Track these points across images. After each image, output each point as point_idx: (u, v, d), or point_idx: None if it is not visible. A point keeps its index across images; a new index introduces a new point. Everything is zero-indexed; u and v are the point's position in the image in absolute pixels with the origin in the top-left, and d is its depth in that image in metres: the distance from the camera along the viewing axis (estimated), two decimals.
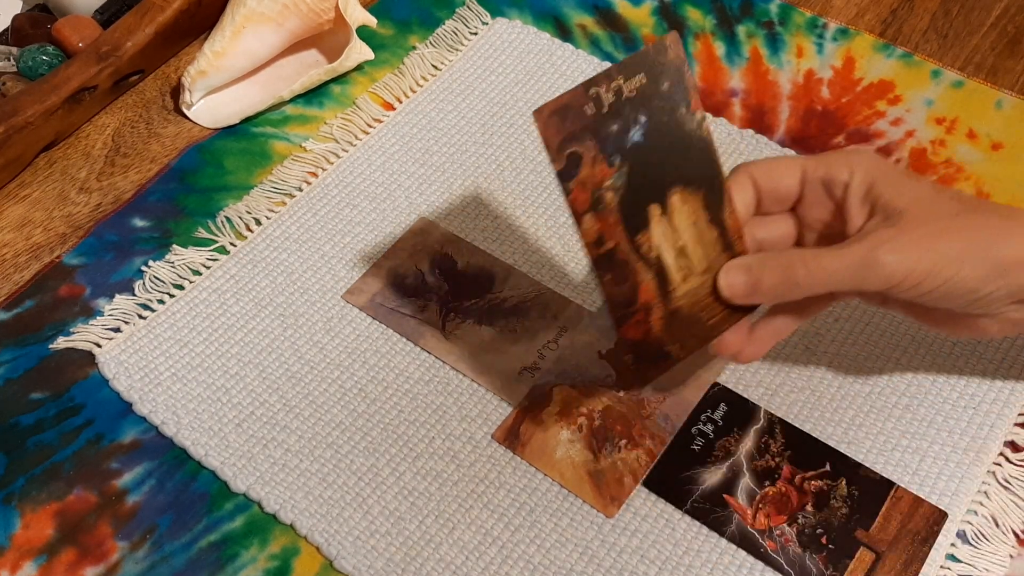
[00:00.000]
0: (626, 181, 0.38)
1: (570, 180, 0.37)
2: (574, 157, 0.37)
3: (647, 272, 0.39)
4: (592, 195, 0.37)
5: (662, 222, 0.39)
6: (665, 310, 0.40)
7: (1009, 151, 0.58)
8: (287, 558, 0.45)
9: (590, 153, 0.37)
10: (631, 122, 0.38)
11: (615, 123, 0.37)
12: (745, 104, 0.61)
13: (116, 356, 0.51)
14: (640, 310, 0.39)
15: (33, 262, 0.55)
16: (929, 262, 0.38)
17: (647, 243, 0.39)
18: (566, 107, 0.36)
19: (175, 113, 0.62)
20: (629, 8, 0.66)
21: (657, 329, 0.40)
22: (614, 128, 0.37)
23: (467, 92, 0.62)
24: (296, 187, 0.58)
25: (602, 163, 0.37)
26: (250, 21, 0.59)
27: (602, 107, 0.37)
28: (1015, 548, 0.45)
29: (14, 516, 0.46)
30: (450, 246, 0.55)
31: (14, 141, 0.55)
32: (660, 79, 0.38)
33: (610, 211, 0.38)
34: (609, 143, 0.37)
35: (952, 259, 0.38)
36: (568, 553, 0.45)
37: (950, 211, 0.39)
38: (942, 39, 0.64)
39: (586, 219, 0.37)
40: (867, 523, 0.45)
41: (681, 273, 0.40)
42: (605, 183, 0.37)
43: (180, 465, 0.48)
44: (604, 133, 0.37)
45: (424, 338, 0.51)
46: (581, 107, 0.37)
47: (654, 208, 0.39)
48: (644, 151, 0.38)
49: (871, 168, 0.40)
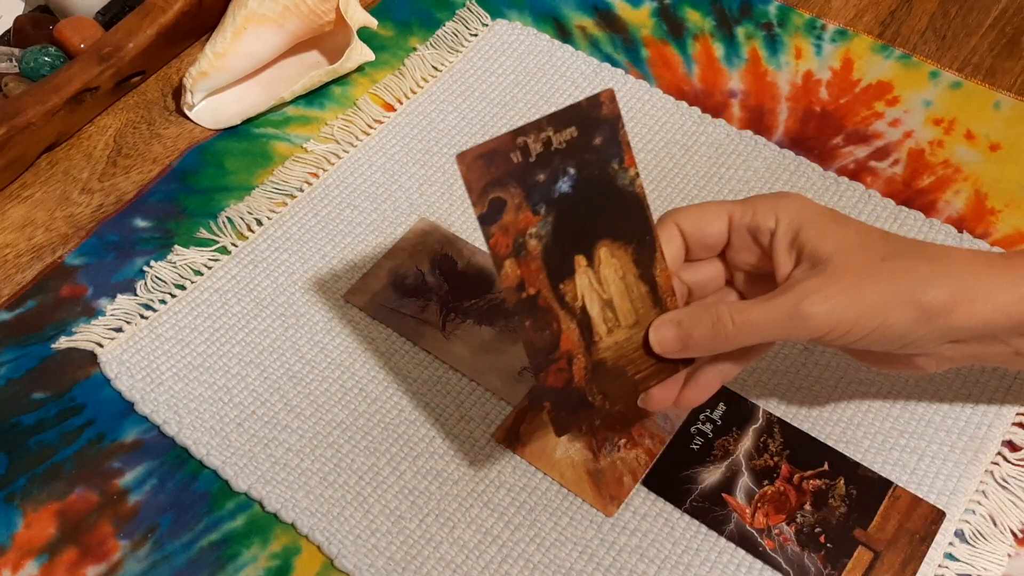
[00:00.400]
0: (551, 230, 0.38)
1: (492, 224, 0.37)
2: (497, 202, 0.37)
3: (570, 321, 0.39)
4: (515, 241, 0.38)
5: (587, 273, 0.39)
6: (588, 360, 0.40)
7: (1007, 152, 0.58)
8: (288, 557, 0.45)
9: (515, 200, 0.37)
10: (559, 173, 0.38)
11: (542, 172, 0.38)
12: (744, 105, 0.61)
13: (118, 356, 0.51)
14: (561, 358, 0.39)
15: (35, 262, 0.56)
16: (856, 311, 0.38)
17: (571, 292, 0.39)
18: (492, 152, 0.37)
19: (176, 114, 0.62)
20: (629, 10, 0.66)
21: (579, 379, 0.40)
22: (541, 177, 0.38)
23: (467, 93, 0.62)
24: (297, 188, 0.58)
25: (527, 210, 0.38)
26: (251, 22, 0.59)
27: (529, 156, 0.37)
28: (1013, 547, 0.45)
29: (16, 515, 0.46)
30: (450, 246, 0.55)
31: (16, 142, 0.55)
32: (593, 133, 0.38)
33: (533, 258, 0.38)
34: (535, 192, 0.38)
35: (879, 307, 0.38)
36: (568, 552, 0.45)
37: (876, 256, 0.39)
38: (940, 40, 0.65)
39: (507, 264, 0.38)
40: (865, 522, 0.45)
41: (606, 325, 0.40)
42: (529, 230, 0.38)
43: (181, 464, 0.48)
44: (530, 181, 0.37)
45: (424, 338, 0.51)
46: (507, 154, 0.37)
47: (580, 259, 0.39)
48: (572, 202, 0.38)
49: (796, 214, 0.40)
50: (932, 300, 0.38)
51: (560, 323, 0.39)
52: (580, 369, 0.40)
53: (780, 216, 0.40)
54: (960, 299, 0.38)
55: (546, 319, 0.39)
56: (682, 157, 0.59)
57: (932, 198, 0.57)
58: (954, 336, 0.40)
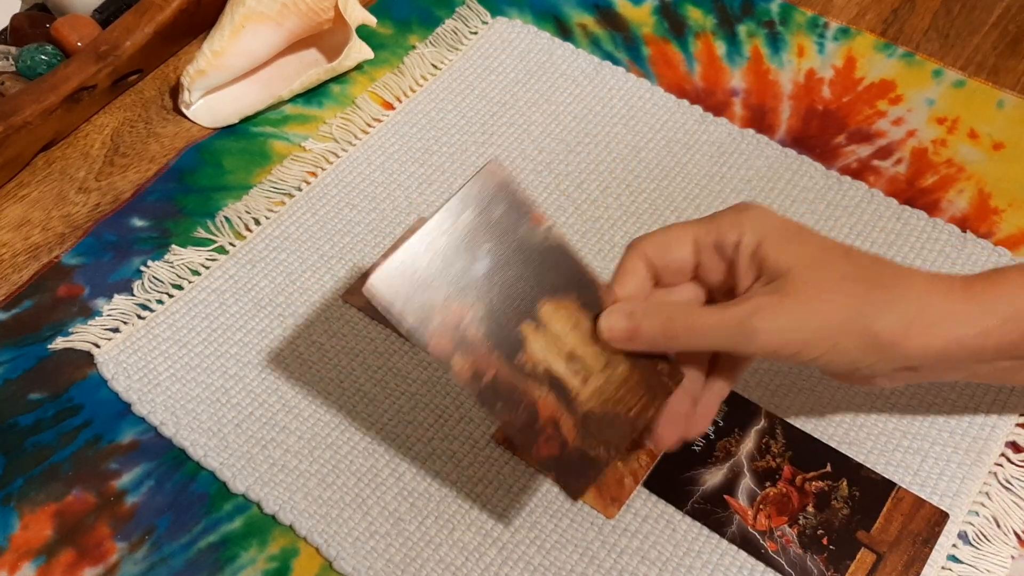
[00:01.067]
0: (486, 311, 0.37)
1: (425, 331, 0.36)
2: (423, 307, 0.37)
3: (540, 388, 0.38)
4: (453, 336, 0.37)
5: (539, 336, 0.39)
6: (575, 418, 0.39)
7: (1010, 151, 0.58)
8: (286, 559, 0.45)
9: (439, 296, 0.37)
10: (474, 255, 0.38)
11: (458, 261, 0.37)
12: (746, 104, 0.61)
13: (115, 356, 0.51)
14: (547, 426, 0.38)
15: (32, 262, 0.55)
16: (806, 334, 0.37)
17: (529, 361, 0.38)
18: (402, 265, 0.37)
19: (174, 113, 0.62)
20: (629, 7, 0.66)
21: (573, 439, 0.38)
22: (457, 267, 0.37)
23: (467, 91, 0.62)
24: (295, 187, 0.58)
25: (455, 301, 0.37)
26: (249, 20, 0.59)
27: (438, 247, 0.37)
28: (1016, 549, 0.45)
29: (13, 517, 0.46)
30: None
31: (12, 141, 0.55)
32: (491, 209, 0.38)
33: (478, 344, 0.37)
34: (456, 280, 0.37)
35: (829, 332, 0.37)
36: (568, 554, 0.45)
37: (835, 275, 0.38)
38: (943, 39, 0.64)
39: (455, 360, 0.37)
40: (868, 524, 0.45)
41: (579, 377, 0.39)
42: (464, 321, 0.37)
43: (179, 466, 0.48)
44: (448, 273, 0.37)
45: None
46: (413, 260, 0.37)
47: (526, 326, 0.38)
48: (496, 277, 0.38)
49: (759, 226, 0.39)
50: (884, 328, 0.37)
51: (531, 394, 0.38)
52: (570, 429, 0.38)
53: (743, 229, 0.39)
54: (912, 329, 0.38)
55: (515, 396, 0.38)
56: (683, 156, 0.58)
57: (935, 197, 0.56)
58: (907, 364, 0.39)
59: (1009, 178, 0.57)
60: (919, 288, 0.38)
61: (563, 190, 0.57)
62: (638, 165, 0.58)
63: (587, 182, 0.57)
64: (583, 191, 0.57)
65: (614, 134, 0.60)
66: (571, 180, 0.58)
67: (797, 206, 0.56)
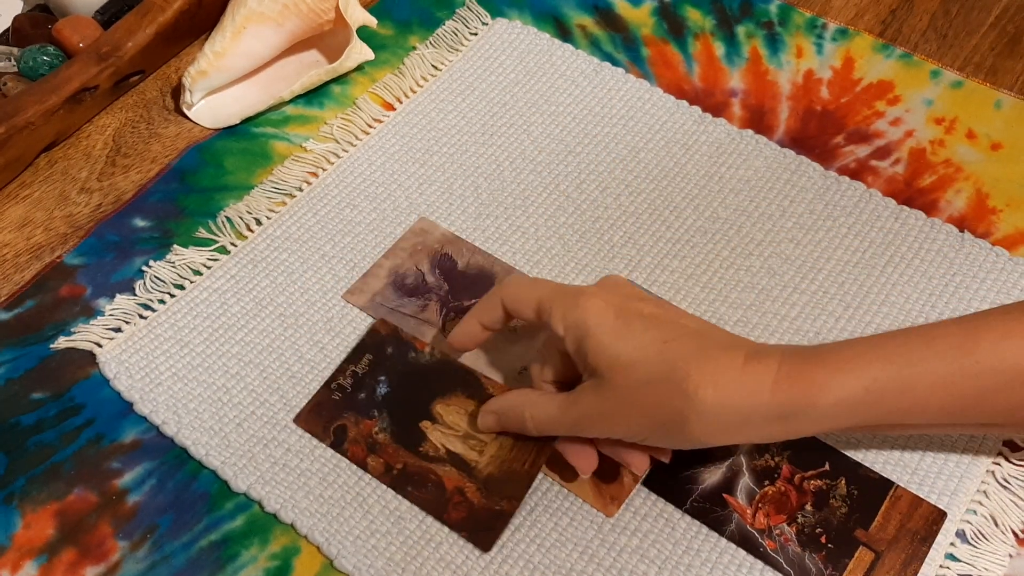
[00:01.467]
0: (390, 422, 0.48)
1: (343, 445, 0.47)
2: (340, 429, 0.48)
3: (443, 466, 0.46)
4: (366, 444, 0.47)
5: (436, 429, 0.47)
6: (478, 483, 0.46)
7: (1008, 151, 0.58)
8: (287, 558, 0.45)
9: (351, 419, 0.48)
10: (375, 385, 0.49)
11: (362, 392, 0.49)
12: (744, 104, 0.61)
13: (117, 356, 0.51)
14: (454, 495, 0.45)
15: (34, 262, 0.55)
16: (621, 431, 0.42)
17: (431, 448, 0.47)
18: (318, 405, 0.48)
19: (176, 113, 0.62)
20: (629, 8, 0.66)
21: (478, 500, 0.45)
22: (362, 396, 0.49)
23: (467, 92, 0.62)
24: (296, 187, 0.58)
25: (364, 420, 0.48)
26: (251, 21, 0.59)
27: (346, 390, 0.49)
28: (1014, 547, 0.45)
29: (15, 516, 0.46)
30: (451, 246, 0.55)
31: (15, 141, 0.55)
32: (383, 348, 0.50)
33: (387, 446, 0.47)
34: (363, 406, 0.48)
35: (643, 432, 0.42)
36: (568, 553, 0.45)
37: (643, 379, 0.41)
38: (941, 39, 0.64)
39: (369, 461, 0.47)
40: (866, 522, 0.45)
41: (476, 450, 0.47)
42: (373, 431, 0.47)
43: (181, 465, 0.48)
44: (356, 403, 0.48)
45: (424, 338, 0.51)
46: (330, 399, 0.49)
47: (424, 424, 0.48)
48: (395, 395, 0.48)
49: (581, 327, 0.42)
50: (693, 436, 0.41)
51: (436, 472, 0.46)
52: (474, 493, 0.45)
53: (567, 329, 0.43)
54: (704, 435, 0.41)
55: (423, 478, 0.46)
56: (682, 156, 0.59)
57: (933, 197, 0.56)
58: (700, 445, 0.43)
59: (1007, 178, 0.57)
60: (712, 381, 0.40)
61: (563, 190, 0.57)
62: (637, 165, 0.58)
63: (587, 182, 0.58)
64: (583, 191, 0.57)
65: (613, 135, 0.60)
66: (571, 180, 0.58)
67: (795, 206, 0.56)
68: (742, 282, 0.53)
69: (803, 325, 0.51)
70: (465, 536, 0.45)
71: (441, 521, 0.45)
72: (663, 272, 0.54)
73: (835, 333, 0.51)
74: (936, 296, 0.52)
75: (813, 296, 0.53)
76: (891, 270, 0.53)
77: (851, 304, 0.52)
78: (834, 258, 0.54)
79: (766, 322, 0.52)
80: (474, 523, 0.45)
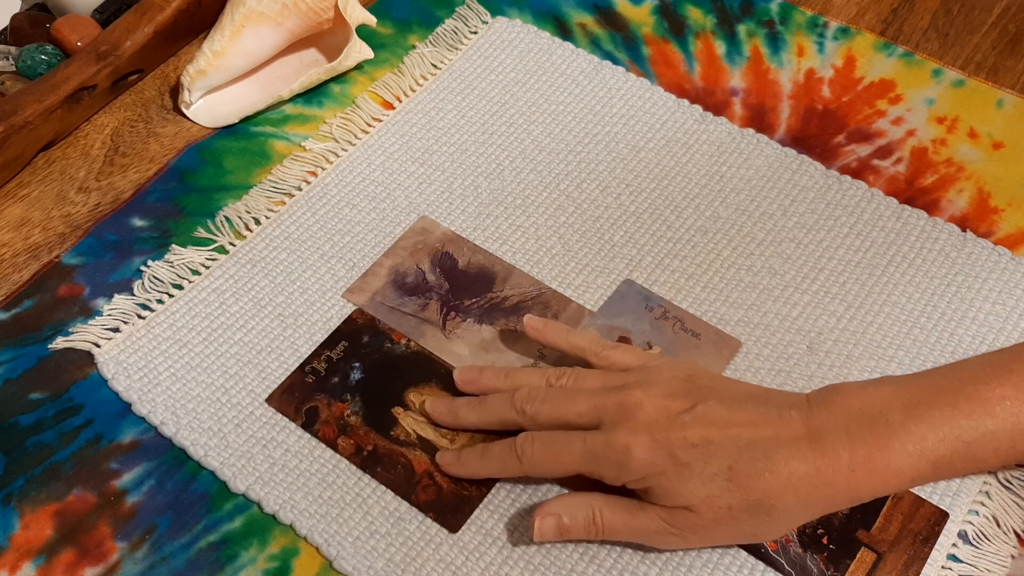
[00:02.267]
0: (362, 405, 0.49)
1: (314, 425, 0.48)
2: (312, 410, 0.48)
3: (414, 451, 0.47)
4: (337, 425, 0.48)
5: (408, 415, 0.48)
6: None
7: (1010, 150, 0.58)
8: (287, 558, 0.45)
9: (324, 402, 0.49)
10: (348, 370, 0.50)
11: (335, 377, 0.50)
12: (746, 103, 0.61)
13: (115, 356, 0.51)
14: (423, 477, 0.46)
15: (32, 262, 0.55)
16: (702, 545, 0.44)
17: (403, 432, 0.48)
18: (291, 386, 0.49)
19: (174, 112, 0.62)
20: (629, 7, 0.66)
21: (447, 485, 0.46)
22: (336, 380, 0.49)
23: (467, 91, 0.62)
24: (295, 186, 0.58)
25: (336, 403, 0.49)
26: (249, 20, 0.59)
27: (320, 374, 0.50)
28: (1016, 548, 0.45)
29: (13, 516, 0.46)
30: (451, 245, 0.55)
31: (13, 141, 0.55)
32: (359, 337, 0.51)
33: (358, 428, 0.48)
34: (336, 389, 0.49)
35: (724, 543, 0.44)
36: (569, 554, 0.45)
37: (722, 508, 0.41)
38: (943, 38, 0.64)
39: (340, 442, 0.47)
40: (868, 523, 0.45)
41: (447, 438, 0.47)
42: (345, 414, 0.48)
43: (179, 465, 0.48)
44: (329, 386, 0.49)
45: (424, 337, 0.51)
46: (303, 381, 0.49)
47: (397, 409, 0.48)
48: (368, 382, 0.49)
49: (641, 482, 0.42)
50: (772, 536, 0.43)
51: (406, 456, 0.47)
52: (443, 477, 0.46)
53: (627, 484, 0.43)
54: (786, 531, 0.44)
55: (392, 460, 0.47)
56: (683, 156, 0.58)
57: (935, 197, 0.56)
58: None
59: (1009, 177, 0.57)
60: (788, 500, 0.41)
61: (563, 190, 0.57)
62: (638, 164, 0.58)
63: (587, 182, 0.58)
64: (583, 191, 0.57)
65: (614, 134, 0.60)
66: (571, 180, 0.58)
67: (796, 206, 0.56)
68: (743, 282, 0.53)
69: (804, 325, 0.51)
70: (432, 517, 0.45)
71: (409, 502, 0.45)
72: (663, 272, 0.54)
73: (836, 333, 0.51)
74: (938, 296, 0.52)
75: (815, 296, 0.52)
76: (893, 270, 0.53)
77: (852, 304, 0.52)
78: (835, 258, 0.54)
79: (767, 322, 0.51)
80: (442, 505, 0.45)
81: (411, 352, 0.50)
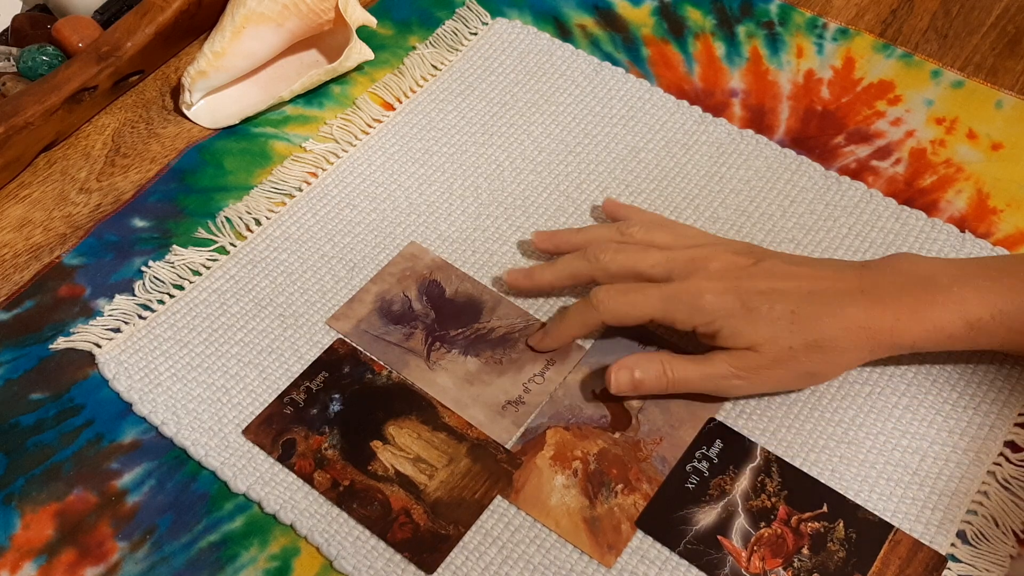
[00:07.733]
0: (340, 438, 0.48)
1: (290, 459, 0.47)
2: (288, 443, 0.48)
3: (391, 486, 0.46)
4: (315, 458, 0.47)
5: (387, 450, 0.47)
6: (425, 506, 0.46)
7: (1009, 151, 0.58)
8: (287, 558, 0.45)
9: (301, 434, 0.48)
10: (328, 402, 0.49)
11: (314, 408, 0.49)
12: (745, 104, 0.61)
13: (116, 356, 0.51)
14: (399, 515, 0.45)
15: (33, 262, 0.55)
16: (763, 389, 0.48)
17: (380, 467, 0.47)
18: (269, 416, 0.48)
19: (175, 113, 0.62)
20: (629, 8, 0.66)
21: (424, 523, 0.45)
22: (314, 411, 0.48)
23: (467, 92, 0.62)
24: (296, 187, 0.58)
25: (314, 435, 0.48)
26: (250, 21, 0.59)
27: (298, 405, 0.49)
28: (1015, 548, 0.45)
29: (14, 516, 0.46)
30: (439, 272, 0.54)
31: (14, 141, 0.55)
32: (340, 367, 0.50)
33: (335, 462, 0.47)
34: (314, 422, 0.48)
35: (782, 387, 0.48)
36: (568, 554, 0.44)
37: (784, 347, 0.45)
38: (942, 39, 0.64)
39: (316, 476, 0.47)
40: (865, 567, 0.44)
41: (425, 474, 0.47)
42: (323, 447, 0.47)
43: (180, 465, 0.48)
44: (307, 418, 0.48)
45: (408, 367, 0.50)
46: (281, 412, 0.48)
47: (375, 443, 0.47)
48: (348, 414, 0.48)
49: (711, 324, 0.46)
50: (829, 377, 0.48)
51: (383, 492, 0.46)
52: (421, 515, 0.45)
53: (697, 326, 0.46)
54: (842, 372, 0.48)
55: (369, 496, 0.46)
56: (683, 157, 0.58)
57: (934, 198, 0.56)
58: None
59: (1008, 178, 0.57)
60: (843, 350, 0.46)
61: (563, 190, 0.57)
62: (637, 165, 0.58)
63: (587, 182, 0.58)
64: (583, 191, 0.57)
65: (613, 135, 0.60)
66: (571, 180, 0.58)
67: (796, 206, 0.56)
68: None
69: None
70: (408, 557, 0.44)
71: (385, 541, 0.45)
72: None
73: None
74: None
75: None
76: None
77: None
78: (835, 258, 0.54)
79: None
80: (418, 544, 0.44)
81: (392, 383, 0.49)
